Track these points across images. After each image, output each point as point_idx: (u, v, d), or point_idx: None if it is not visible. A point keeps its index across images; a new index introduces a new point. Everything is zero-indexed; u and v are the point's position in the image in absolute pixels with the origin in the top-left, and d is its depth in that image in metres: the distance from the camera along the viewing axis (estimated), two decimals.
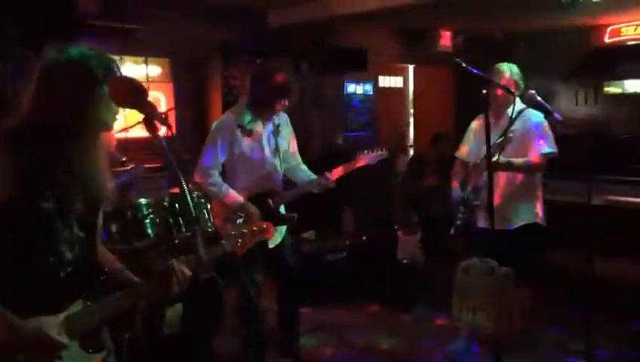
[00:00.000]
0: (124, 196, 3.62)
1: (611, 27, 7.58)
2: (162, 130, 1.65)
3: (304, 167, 3.53)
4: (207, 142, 3.23)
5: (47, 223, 1.62)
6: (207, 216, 3.90)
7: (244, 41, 5.78)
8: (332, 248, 4.80)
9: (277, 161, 3.34)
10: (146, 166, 4.88)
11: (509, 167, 3.30)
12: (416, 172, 6.33)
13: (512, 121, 3.11)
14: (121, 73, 1.74)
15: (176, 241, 3.79)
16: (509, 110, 3.38)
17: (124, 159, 3.75)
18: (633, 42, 7.51)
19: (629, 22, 7.39)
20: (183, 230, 3.78)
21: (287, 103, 3.21)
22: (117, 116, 1.77)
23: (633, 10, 6.69)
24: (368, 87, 7.15)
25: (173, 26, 5.37)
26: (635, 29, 7.39)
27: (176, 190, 4.27)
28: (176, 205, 3.81)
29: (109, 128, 1.78)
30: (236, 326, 3.65)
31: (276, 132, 3.32)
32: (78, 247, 1.71)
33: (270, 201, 3.22)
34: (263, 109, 3.23)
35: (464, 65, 2.33)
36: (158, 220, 3.65)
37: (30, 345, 1.54)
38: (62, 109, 1.62)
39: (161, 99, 5.36)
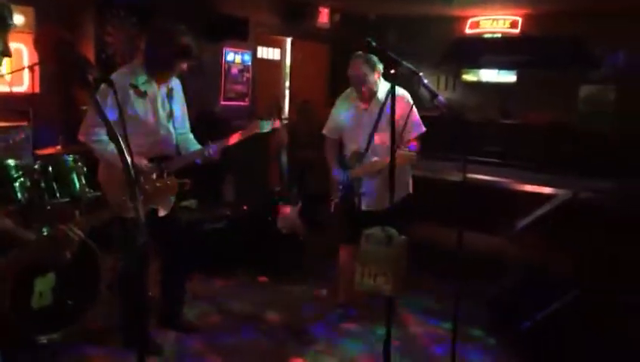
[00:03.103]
0: None
1: (472, 19, 8.25)
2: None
3: (191, 136, 3.45)
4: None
5: None
6: (84, 182, 3.67)
7: None
8: (212, 217, 4.77)
9: (170, 126, 3.23)
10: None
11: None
12: (293, 145, 6.43)
13: (384, 102, 3.35)
14: (12, 21, 1.61)
15: (49, 208, 3.53)
16: (379, 92, 3.61)
17: None
18: (489, 35, 8.26)
19: (488, 15, 8.09)
20: (57, 195, 3.53)
21: (185, 67, 3.13)
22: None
23: (493, 5, 7.34)
24: (247, 57, 7.08)
25: None
26: (492, 23, 8.12)
27: (46, 152, 3.96)
28: (49, 168, 3.55)
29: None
30: (114, 297, 3.52)
31: (170, 95, 3.21)
32: None
33: (163, 166, 3.11)
34: (161, 71, 3.10)
35: (374, 44, 2.43)
36: (28, 184, 3.37)
37: None
38: None
39: (23, 51, 4.85)
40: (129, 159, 1.52)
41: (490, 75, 8.74)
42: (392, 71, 2.45)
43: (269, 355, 3.51)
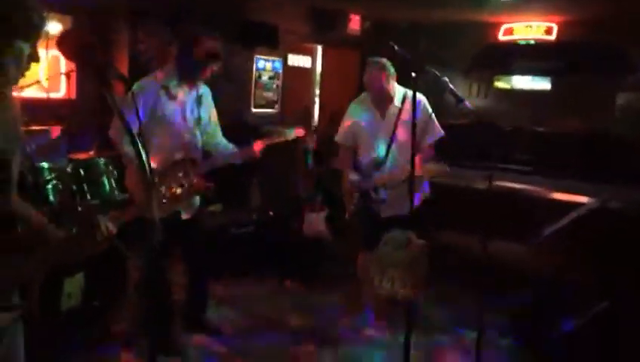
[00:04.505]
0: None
1: (505, 25, 8.14)
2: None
3: (224, 141, 3.52)
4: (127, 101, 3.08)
5: None
6: (114, 185, 3.77)
7: (152, 4, 5.55)
8: (238, 222, 4.82)
9: (197, 131, 3.30)
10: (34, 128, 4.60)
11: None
12: (322, 152, 6.46)
13: (401, 108, 3.33)
14: (43, 28, 1.66)
15: (80, 209, 3.63)
16: (395, 99, 3.59)
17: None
18: (523, 41, 8.14)
19: (522, 22, 7.98)
20: (88, 198, 3.64)
21: (215, 69, 3.21)
22: (26, 73, 1.70)
23: (527, 11, 7.24)
24: (278, 65, 7.16)
25: None
26: (526, 29, 8.00)
27: (79, 156, 4.08)
28: (81, 171, 3.66)
29: (16, 83, 1.72)
30: (139, 299, 3.59)
31: (199, 101, 3.29)
32: None
33: (188, 169, 3.16)
34: (191, 74, 3.19)
35: (396, 48, 2.44)
36: (61, 186, 3.48)
37: None
38: None
39: (61, 58, 5.02)
40: (146, 161, 1.55)
41: (523, 82, 8.61)
42: (414, 74, 2.44)
43: (292, 360, 3.52)
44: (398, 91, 3.60)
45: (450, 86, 3.36)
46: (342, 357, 3.57)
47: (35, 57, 1.71)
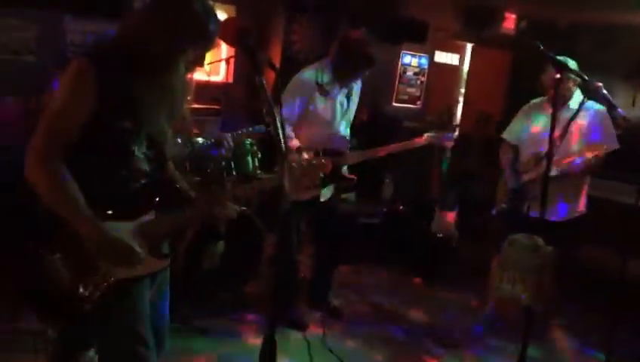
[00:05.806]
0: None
1: None
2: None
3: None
4: (286, 94, 3.32)
5: (122, 141, 1.76)
6: (257, 164, 4.07)
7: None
8: (369, 212, 4.94)
9: (344, 124, 3.50)
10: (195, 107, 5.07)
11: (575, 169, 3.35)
12: (460, 152, 6.36)
13: (577, 112, 3.16)
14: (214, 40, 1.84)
15: (226, 182, 3.98)
16: (572, 101, 3.44)
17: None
18: None
19: None
20: (234, 173, 3.97)
21: (367, 73, 3.37)
22: (206, 59, 1.92)
23: None
24: (424, 61, 7.14)
25: None
26: None
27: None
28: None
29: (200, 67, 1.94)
30: (269, 273, 3.85)
31: (349, 95, 3.48)
32: (150, 163, 1.86)
33: (333, 160, 3.33)
34: (346, 75, 3.37)
35: (542, 47, 2.39)
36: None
37: (114, 251, 1.72)
38: (167, 42, 1.72)
39: (222, 45, 5.46)
40: (282, 135, 1.69)
41: None
42: (558, 75, 2.37)
43: (404, 351, 3.58)
44: (577, 96, 3.49)
45: (604, 91, 3.19)
46: (455, 358, 3.55)
47: (201, 62, 1.91)
